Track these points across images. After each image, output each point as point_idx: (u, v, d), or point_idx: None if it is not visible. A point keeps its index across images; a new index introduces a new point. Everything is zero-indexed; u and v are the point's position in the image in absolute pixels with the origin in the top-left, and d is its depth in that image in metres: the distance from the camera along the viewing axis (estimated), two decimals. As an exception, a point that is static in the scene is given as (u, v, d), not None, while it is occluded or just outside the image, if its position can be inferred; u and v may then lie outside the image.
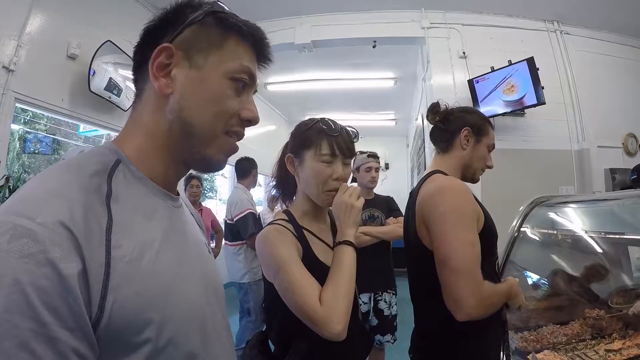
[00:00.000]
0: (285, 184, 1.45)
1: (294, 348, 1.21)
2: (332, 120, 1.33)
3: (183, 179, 4.44)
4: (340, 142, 1.29)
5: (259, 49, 0.76)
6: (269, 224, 1.33)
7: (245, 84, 0.73)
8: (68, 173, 0.59)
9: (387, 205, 3.03)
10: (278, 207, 3.32)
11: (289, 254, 1.18)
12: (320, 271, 1.19)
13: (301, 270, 1.16)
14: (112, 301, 0.53)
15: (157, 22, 0.72)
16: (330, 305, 1.09)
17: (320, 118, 1.34)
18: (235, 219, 3.71)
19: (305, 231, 1.31)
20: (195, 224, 0.86)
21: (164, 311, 0.60)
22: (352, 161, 2.92)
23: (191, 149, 0.71)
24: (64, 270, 0.49)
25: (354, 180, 3.03)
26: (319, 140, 1.29)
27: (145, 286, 0.58)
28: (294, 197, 1.45)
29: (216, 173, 9.76)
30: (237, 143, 0.76)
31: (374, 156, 2.99)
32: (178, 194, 0.78)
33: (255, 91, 0.78)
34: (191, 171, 0.79)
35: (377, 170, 2.99)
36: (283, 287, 1.15)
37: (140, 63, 0.72)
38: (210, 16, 0.71)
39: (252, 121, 0.75)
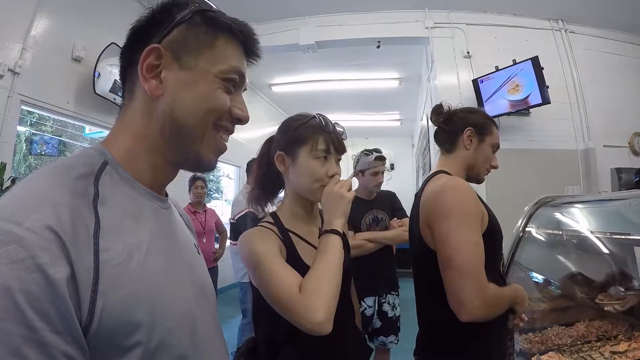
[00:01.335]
0: (266, 183, 1.40)
1: (282, 355, 1.17)
2: (326, 117, 1.29)
3: (187, 180, 4.46)
4: (335, 138, 1.25)
5: (248, 46, 0.76)
6: (258, 225, 1.29)
7: (236, 83, 0.74)
8: (54, 176, 0.59)
9: (390, 204, 2.93)
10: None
11: (268, 248, 1.13)
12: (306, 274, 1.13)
13: (280, 262, 1.11)
14: (102, 305, 0.53)
15: (144, 22, 0.71)
16: (310, 292, 1.00)
17: (316, 113, 1.29)
18: (236, 218, 3.72)
19: (291, 234, 1.26)
20: (185, 226, 0.86)
21: (153, 313, 0.59)
22: (356, 162, 2.86)
23: (183, 147, 0.71)
24: (53, 275, 0.48)
25: (356, 175, 2.89)
26: (315, 136, 1.24)
27: (135, 289, 0.58)
28: (276, 198, 1.42)
29: (221, 174, 9.80)
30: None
31: (381, 159, 2.86)
32: (167, 195, 0.77)
33: (245, 89, 0.78)
34: (195, 172, 0.79)
35: (383, 173, 2.86)
36: (261, 281, 1.10)
37: (128, 64, 0.72)
38: (198, 15, 0.70)
39: (242, 120, 0.75)
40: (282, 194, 1.42)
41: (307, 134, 1.25)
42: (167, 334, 0.61)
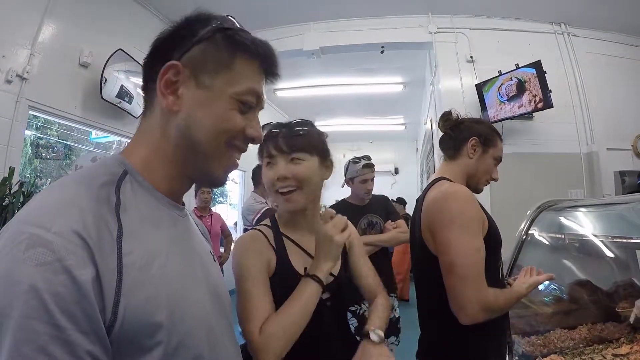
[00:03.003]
0: None
1: None
2: (277, 123, 1.30)
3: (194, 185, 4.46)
4: (279, 140, 1.23)
5: (267, 67, 0.77)
6: (252, 228, 1.32)
7: (252, 104, 0.75)
8: (78, 184, 0.62)
9: (384, 208, 2.97)
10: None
11: (253, 267, 1.16)
12: (295, 281, 1.16)
13: (257, 287, 1.14)
14: (125, 306, 0.55)
15: (167, 37, 0.73)
16: (268, 334, 1.05)
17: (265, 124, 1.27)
18: (254, 222, 3.57)
19: (285, 239, 1.28)
20: (200, 233, 0.88)
21: (173, 315, 0.62)
22: (345, 170, 2.84)
23: (195, 164, 0.73)
24: (79, 277, 0.51)
25: (347, 182, 2.94)
26: (262, 145, 1.26)
27: (156, 291, 0.60)
28: None
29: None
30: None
31: (369, 165, 2.90)
32: (184, 204, 0.80)
33: (262, 108, 0.79)
34: (205, 186, 0.82)
35: (372, 180, 2.89)
36: (237, 297, 1.15)
37: (149, 76, 0.74)
38: (219, 33, 0.72)
39: (256, 140, 0.77)
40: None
41: (259, 146, 1.27)
42: (185, 335, 0.64)
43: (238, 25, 0.75)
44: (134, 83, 4.09)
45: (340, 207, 2.93)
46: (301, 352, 1.12)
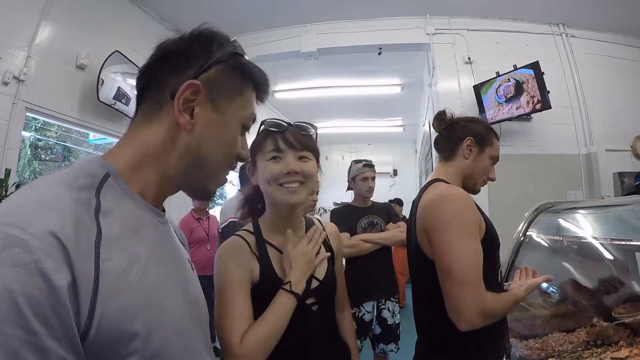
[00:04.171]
0: (253, 198, 1.41)
1: None
2: (279, 119, 1.27)
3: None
4: (288, 136, 1.22)
5: (261, 94, 0.83)
6: (234, 234, 1.30)
7: (249, 128, 0.81)
8: (58, 185, 0.60)
9: (385, 212, 3.03)
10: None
11: (235, 277, 1.17)
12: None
13: (238, 296, 1.14)
14: (101, 313, 0.54)
15: (179, 48, 0.73)
16: (249, 346, 1.07)
17: (265, 120, 1.27)
18: (221, 228, 3.56)
19: (268, 246, 1.26)
20: (179, 241, 0.87)
21: (150, 323, 0.60)
22: (348, 171, 2.95)
23: (196, 179, 0.76)
24: (55, 281, 0.49)
25: (349, 188, 3.09)
26: (263, 140, 1.24)
27: (133, 299, 0.59)
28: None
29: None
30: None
31: (369, 165, 3.01)
32: (164, 211, 0.79)
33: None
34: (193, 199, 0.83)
35: (373, 179, 2.99)
36: (216, 307, 1.14)
37: (151, 83, 0.74)
38: (233, 58, 0.75)
39: (244, 160, 0.83)
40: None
41: (258, 141, 1.27)
42: (163, 344, 0.63)
43: (245, 53, 0.78)
44: (131, 85, 4.08)
45: (343, 209, 3.02)
46: (289, 357, 1.12)
